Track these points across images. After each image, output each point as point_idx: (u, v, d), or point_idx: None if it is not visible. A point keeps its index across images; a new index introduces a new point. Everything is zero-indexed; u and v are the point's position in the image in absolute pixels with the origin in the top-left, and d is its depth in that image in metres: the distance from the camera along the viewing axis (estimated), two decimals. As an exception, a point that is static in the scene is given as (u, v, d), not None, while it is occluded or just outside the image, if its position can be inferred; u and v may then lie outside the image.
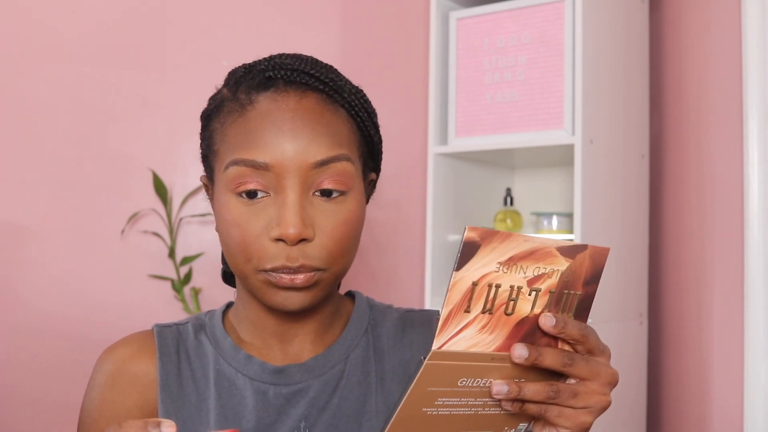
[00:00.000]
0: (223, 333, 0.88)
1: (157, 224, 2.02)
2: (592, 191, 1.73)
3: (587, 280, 0.70)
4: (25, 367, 1.95)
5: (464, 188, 2.03)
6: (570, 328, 0.67)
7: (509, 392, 0.66)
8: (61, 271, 1.99)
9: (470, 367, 0.65)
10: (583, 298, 0.70)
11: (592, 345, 0.69)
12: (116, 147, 2.03)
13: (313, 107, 0.80)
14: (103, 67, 2.03)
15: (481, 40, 1.90)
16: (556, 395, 0.67)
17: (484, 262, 0.63)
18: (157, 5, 2.07)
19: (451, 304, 0.63)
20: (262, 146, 0.77)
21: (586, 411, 0.69)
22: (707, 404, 1.84)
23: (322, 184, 0.78)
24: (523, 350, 0.65)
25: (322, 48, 2.15)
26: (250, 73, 0.84)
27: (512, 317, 0.66)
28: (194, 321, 0.90)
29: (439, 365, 0.63)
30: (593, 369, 0.68)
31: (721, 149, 1.85)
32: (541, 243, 0.66)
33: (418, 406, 0.65)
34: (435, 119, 1.96)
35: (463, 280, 0.63)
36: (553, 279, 0.67)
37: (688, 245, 1.93)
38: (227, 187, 0.79)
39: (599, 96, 1.79)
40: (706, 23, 1.92)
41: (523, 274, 0.65)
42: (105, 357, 0.88)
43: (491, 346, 0.65)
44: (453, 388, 0.66)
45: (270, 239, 0.77)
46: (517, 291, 0.65)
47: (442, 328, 0.63)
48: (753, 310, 1.70)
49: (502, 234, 0.63)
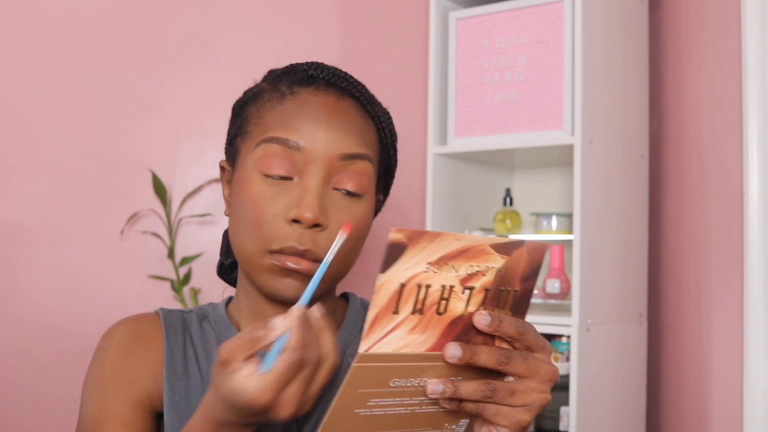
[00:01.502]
0: (227, 324, 0.89)
1: (156, 224, 2.02)
2: (591, 191, 1.73)
3: (525, 276, 0.68)
4: (26, 365, 1.95)
5: (464, 188, 2.03)
6: (506, 325, 0.65)
7: (444, 391, 0.65)
8: (61, 271, 1.99)
9: (403, 368, 0.64)
10: (521, 295, 0.68)
11: (530, 341, 0.67)
12: (116, 147, 2.03)
13: (349, 109, 0.84)
14: (103, 67, 2.03)
15: (481, 40, 1.90)
16: (493, 394, 0.65)
17: (412, 263, 0.62)
18: (157, 5, 2.07)
19: (378, 306, 0.61)
20: (297, 129, 0.80)
21: (524, 409, 0.67)
22: (707, 404, 1.83)
23: (342, 181, 0.81)
24: (457, 349, 0.64)
25: (322, 48, 2.14)
26: (292, 70, 0.87)
27: (445, 316, 0.64)
28: (198, 311, 0.92)
29: (369, 367, 0.62)
30: (531, 366, 0.67)
31: (721, 149, 1.85)
32: (474, 241, 0.64)
33: (350, 407, 0.64)
34: (434, 119, 1.96)
35: (389, 282, 0.61)
36: (489, 276, 0.65)
37: (688, 245, 1.93)
38: (254, 166, 0.81)
39: (599, 96, 1.79)
40: (706, 23, 1.92)
41: (455, 273, 0.64)
42: (117, 328, 0.89)
43: (423, 346, 0.64)
44: (386, 389, 0.64)
45: (285, 220, 0.79)
46: (449, 290, 0.64)
47: (368, 331, 0.61)
48: (753, 310, 1.70)
49: (430, 234, 0.62)
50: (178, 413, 0.82)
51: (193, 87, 2.08)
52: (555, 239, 1.91)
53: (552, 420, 1.78)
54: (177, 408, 0.83)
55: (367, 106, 0.86)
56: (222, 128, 2.29)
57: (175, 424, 0.82)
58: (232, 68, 2.08)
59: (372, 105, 0.87)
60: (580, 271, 1.68)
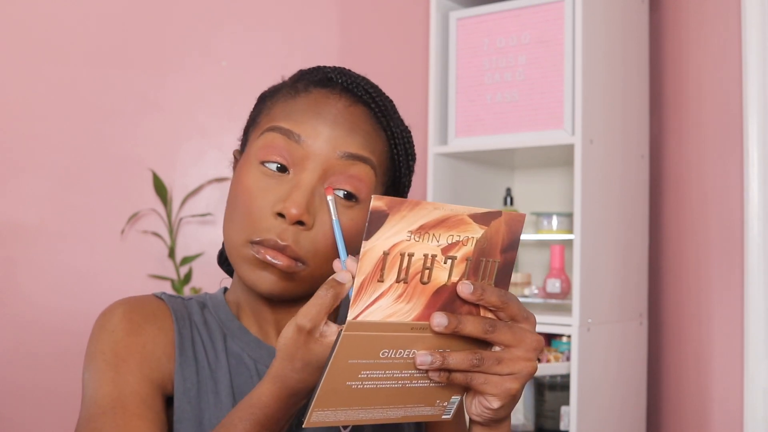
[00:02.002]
0: (230, 314, 0.89)
1: (157, 224, 2.02)
2: (592, 191, 1.73)
3: (504, 247, 0.68)
4: (27, 365, 1.95)
5: (464, 188, 2.03)
6: (489, 294, 0.66)
7: (433, 362, 0.65)
8: (61, 271, 1.99)
9: (391, 338, 0.65)
10: (503, 266, 0.69)
11: (514, 311, 0.68)
12: (116, 147, 2.03)
13: (359, 115, 0.83)
14: (104, 67, 2.03)
15: (481, 40, 1.90)
16: (480, 362, 0.66)
17: (394, 231, 0.63)
18: (157, 5, 2.07)
19: (363, 273, 0.62)
20: (302, 122, 0.80)
21: (512, 377, 0.68)
22: (707, 404, 1.83)
23: (339, 182, 0.80)
24: (443, 318, 0.64)
25: (323, 48, 2.15)
26: (315, 71, 0.87)
27: (429, 286, 0.65)
28: (197, 298, 0.91)
29: (357, 336, 0.63)
30: (517, 335, 0.68)
31: (721, 149, 1.85)
32: (452, 210, 0.65)
33: (341, 380, 0.65)
34: (435, 119, 1.96)
35: (373, 249, 0.62)
36: (469, 246, 0.66)
37: (688, 245, 1.93)
38: (255, 155, 0.81)
39: (599, 96, 1.79)
40: (706, 23, 1.92)
41: (437, 242, 0.65)
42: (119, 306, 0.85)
43: (409, 315, 0.65)
44: (375, 360, 0.65)
45: (272, 213, 0.79)
46: (431, 259, 0.65)
47: (355, 298, 0.63)
48: (753, 310, 1.70)
49: (410, 202, 0.63)
50: (189, 400, 0.81)
51: (193, 87, 2.08)
52: (555, 239, 1.91)
53: (552, 420, 1.78)
54: (188, 395, 0.81)
55: (381, 119, 0.85)
56: (222, 128, 2.30)
57: (186, 411, 0.80)
58: (232, 68, 2.08)
59: (387, 118, 0.85)
60: (581, 271, 1.68)
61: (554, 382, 1.79)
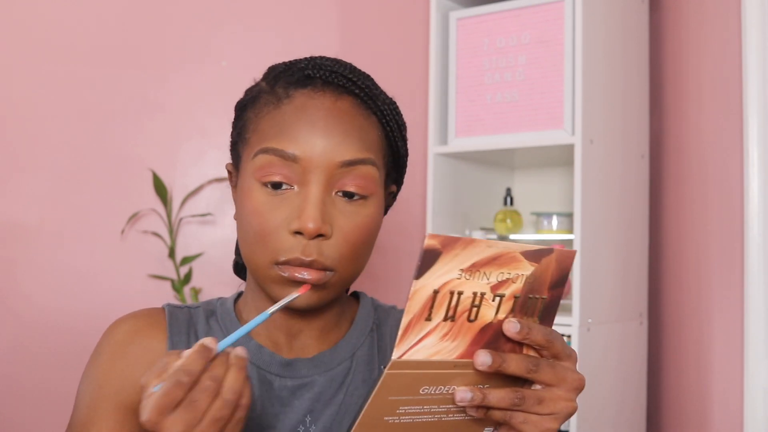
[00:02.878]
0: (235, 321, 0.89)
1: (157, 224, 2.02)
2: (592, 191, 1.73)
3: (553, 284, 0.68)
4: (27, 365, 1.96)
5: (464, 188, 2.04)
6: (535, 333, 0.66)
7: (473, 399, 0.65)
8: (62, 271, 1.99)
9: (432, 375, 0.64)
10: (549, 302, 0.68)
11: (557, 350, 0.67)
12: (116, 147, 2.03)
13: (348, 109, 0.82)
14: (103, 67, 2.03)
15: (481, 40, 1.90)
16: (521, 402, 0.66)
17: (445, 270, 0.62)
18: (157, 5, 2.07)
19: (411, 313, 0.61)
20: (294, 138, 0.79)
21: (551, 417, 0.67)
22: (707, 404, 1.84)
23: (345, 185, 0.79)
24: (487, 357, 0.64)
25: (322, 48, 2.15)
26: (289, 69, 0.85)
27: (475, 324, 0.64)
28: (205, 306, 0.91)
29: (400, 374, 0.62)
30: (559, 374, 0.67)
31: (721, 149, 1.85)
32: (505, 248, 0.64)
33: (379, 415, 0.64)
34: (435, 119, 1.96)
35: (424, 288, 0.61)
36: (518, 284, 0.65)
37: (688, 245, 1.93)
38: (253, 175, 0.80)
39: (599, 96, 1.79)
40: (706, 23, 1.92)
41: (487, 280, 0.64)
42: (115, 328, 0.88)
43: (454, 353, 0.64)
44: (415, 396, 0.64)
45: (288, 232, 0.78)
46: (480, 297, 0.64)
47: (402, 337, 0.62)
48: (753, 310, 1.70)
49: (464, 240, 0.62)
50: None
51: (194, 87, 2.08)
52: (555, 239, 1.91)
53: (552, 420, 1.79)
54: None
55: (368, 102, 0.84)
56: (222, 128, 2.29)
57: None
58: (232, 68, 2.08)
59: (373, 99, 0.85)
60: (581, 271, 1.68)
61: (554, 382, 1.79)
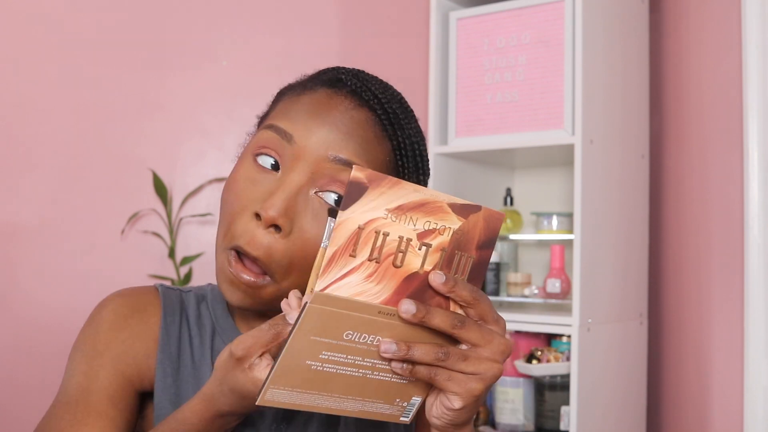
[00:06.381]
0: (224, 311, 0.87)
1: (157, 224, 2.02)
2: (592, 191, 1.73)
3: (481, 244, 0.66)
4: (27, 364, 1.96)
5: (464, 188, 2.03)
6: (461, 288, 0.64)
7: (397, 351, 0.63)
8: (62, 270, 1.99)
9: (357, 319, 0.62)
10: (477, 263, 0.67)
11: (484, 311, 0.66)
12: (116, 147, 2.03)
13: (362, 121, 0.79)
14: (104, 67, 2.03)
15: (481, 40, 1.90)
16: (445, 357, 0.64)
17: (371, 206, 0.61)
18: (158, 5, 2.07)
19: (336, 244, 0.60)
20: (297, 121, 0.78)
21: (477, 377, 0.65)
22: (707, 404, 1.84)
23: (328, 185, 0.76)
24: (411, 305, 0.62)
25: (322, 48, 2.15)
26: (330, 71, 0.85)
27: (401, 270, 0.63)
28: (197, 291, 0.90)
29: (323, 310, 0.60)
30: (485, 335, 0.65)
31: (721, 149, 1.85)
32: (432, 195, 0.63)
33: (301, 357, 0.62)
34: (435, 119, 1.96)
35: (349, 221, 0.61)
36: (445, 236, 0.64)
37: (689, 245, 1.93)
38: (251, 149, 0.80)
39: (599, 96, 1.79)
40: (706, 23, 1.92)
41: (413, 226, 0.63)
42: (113, 300, 0.87)
43: (378, 297, 0.62)
44: (338, 341, 0.63)
45: (251, 213, 0.76)
46: (406, 243, 0.63)
47: (326, 269, 0.60)
48: (753, 310, 1.70)
49: (390, 179, 0.61)
50: (168, 396, 0.81)
51: (194, 87, 2.08)
52: (555, 239, 1.91)
53: (552, 420, 1.78)
54: (168, 391, 0.81)
55: (387, 126, 0.81)
56: (222, 128, 2.30)
57: (165, 408, 0.80)
58: (232, 68, 2.08)
59: (395, 127, 0.81)
60: (581, 271, 1.68)
61: (554, 382, 1.79)
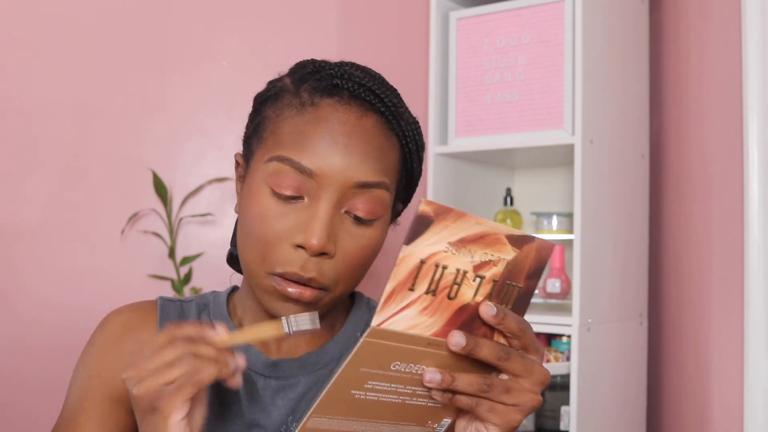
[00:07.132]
0: (225, 317, 0.88)
1: (157, 224, 2.02)
2: (592, 191, 1.73)
3: (530, 274, 0.67)
4: (28, 364, 1.96)
5: (464, 188, 2.04)
6: (509, 320, 0.65)
7: (442, 381, 0.64)
8: (62, 271, 1.99)
9: (405, 351, 0.63)
10: (524, 292, 0.67)
11: (528, 341, 0.67)
12: (116, 147, 2.03)
13: (371, 129, 0.81)
14: (104, 67, 2.03)
15: (481, 40, 1.90)
16: (488, 389, 0.65)
17: (434, 240, 0.61)
18: (158, 5, 2.07)
19: (396, 279, 0.60)
20: (312, 152, 0.77)
21: (517, 409, 0.67)
22: (707, 404, 1.84)
23: (355, 208, 0.78)
24: (461, 338, 0.63)
25: (322, 48, 2.15)
26: (317, 73, 0.83)
27: (454, 302, 0.63)
28: (198, 300, 0.91)
29: (376, 344, 0.61)
30: (527, 366, 0.67)
31: (721, 149, 1.85)
32: (492, 227, 0.64)
33: (347, 387, 0.63)
34: (435, 119, 1.96)
35: (411, 255, 0.60)
36: (499, 267, 0.65)
37: (688, 245, 1.93)
38: (265, 180, 0.79)
39: (599, 96, 1.79)
40: (706, 23, 1.92)
41: (471, 258, 0.63)
42: (110, 318, 0.89)
43: (430, 330, 0.63)
44: (385, 372, 0.63)
45: (291, 244, 0.77)
46: (462, 275, 0.63)
47: (384, 304, 0.60)
48: (753, 310, 1.70)
49: (456, 213, 0.61)
50: None
51: (194, 87, 2.08)
52: (555, 239, 1.91)
53: (552, 420, 1.78)
54: None
55: (392, 122, 0.83)
56: (222, 128, 2.30)
57: None
58: (232, 68, 2.08)
59: (397, 119, 0.84)
60: (581, 271, 1.68)
61: (554, 382, 1.79)
